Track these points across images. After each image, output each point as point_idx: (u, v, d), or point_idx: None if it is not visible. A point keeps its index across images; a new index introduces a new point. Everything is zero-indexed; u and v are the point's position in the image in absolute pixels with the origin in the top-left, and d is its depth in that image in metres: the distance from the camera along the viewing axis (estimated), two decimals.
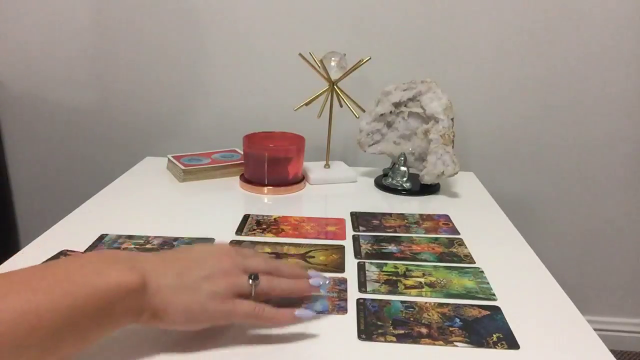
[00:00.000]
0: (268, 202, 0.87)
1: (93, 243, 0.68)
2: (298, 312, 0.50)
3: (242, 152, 0.97)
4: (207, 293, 0.45)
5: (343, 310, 0.55)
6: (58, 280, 0.39)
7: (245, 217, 0.79)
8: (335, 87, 0.93)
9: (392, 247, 0.71)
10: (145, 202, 0.84)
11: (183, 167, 0.93)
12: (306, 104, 0.93)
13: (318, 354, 0.48)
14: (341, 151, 1.18)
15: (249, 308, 0.47)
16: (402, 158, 0.94)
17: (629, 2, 1.04)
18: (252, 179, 0.91)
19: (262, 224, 0.77)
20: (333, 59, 0.91)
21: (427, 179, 0.91)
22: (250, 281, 0.48)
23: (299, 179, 0.94)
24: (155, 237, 0.70)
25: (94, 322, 0.40)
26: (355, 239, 0.73)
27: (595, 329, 0.53)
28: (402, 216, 0.82)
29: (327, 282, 0.54)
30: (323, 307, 0.55)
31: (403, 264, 0.66)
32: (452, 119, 0.91)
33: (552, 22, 1.07)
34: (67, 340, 0.39)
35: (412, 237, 0.74)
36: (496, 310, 0.56)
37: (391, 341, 0.50)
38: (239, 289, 0.47)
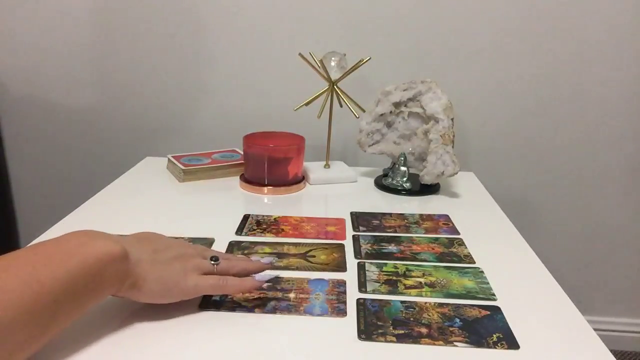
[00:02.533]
0: (268, 202, 0.87)
1: None
2: (257, 276, 0.58)
3: (242, 152, 0.97)
4: (179, 269, 0.52)
5: (342, 313, 0.55)
6: (51, 254, 0.43)
7: (245, 217, 0.79)
8: (335, 87, 0.93)
9: (392, 247, 0.71)
10: (145, 202, 0.84)
11: (183, 167, 0.93)
12: (306, 104, 0.93)
13: (318, 354, 0.48)
14: (341, 151, 1.18)
15: (214, 280, 0.53)
16: (402, 158, 0.94)
17: (629, 1, 1.04)
18: (252, 179, 0.91)
19: (262, 224, 0.77)
20: (333, 59, 0.91)
21: (427, 179, 0.91)
22: (212, 262, 0.55)
23: (299, 179, 0.94)
24: None
25: (88, 288, 0.44)
26: (355, 239, 0.73)
27: (595, 329, 0.53)
28: (402, 216, 0.82)
29: (270, 262, 0.63)
30: (322, 310, 0.55)
31: (403, 264, 0.66)
32: (452, 119, 0.91)
33: (552, 22, 1.07)
34: (66, 308, 0.43)
35: (412, 237, 0.74)
36: (496, 310, 0.56)
37: (391, 341, 0.50)
38: (203, 269, 0.54)
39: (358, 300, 0.57)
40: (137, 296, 0.50)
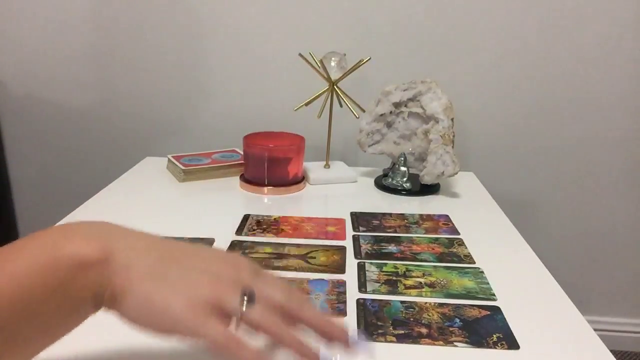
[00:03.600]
0: (268, 202, 0.87)
1: None
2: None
3: (242, 152, 0.97)
4: (180, 292, 0.35)
5: (342, 313, 0.55)
6: (10, 259, 0.34)
7: (245, 217, 0.79)
8: (335, 87, 0.93)
9: (392, 247, 0.71)
10: (145, 202, 0.84)
11: (183, 167, 0.93)
12: (306, 104, 0.93)
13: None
14: (341, 151, 1.18)
15: (220, 335, 0.34)
16: (402, 158, 0.94)
17: (629, 2, 1.04)
18: (252, 179, 0.91)
19: (262, 224, 0.77)
20: (333, 59, 0.91)
21: (427, 179, 0.91)
22: (244, 300, 0.36)
23: (299, 179, 0.94)
24: None
25: (51, 303, 0.34)
26: (355, 239, 0.73)
27: (595, 329, 0.53)
28: (402, 216, 0.82)
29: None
30: (322, 310, 0.55)
31: (403, 264, 0.66)
32: (452, 119, 0.91)
33: (552, 22, 1.07)
34: (26, 328, 0.33)
35: (412, 237, 0.74)
36: (496, 310, 0.56)
37: (391, 341, 0.50)
38: (223, 306, 0.35)
39: (358, 300, 0.57)
40: (118, 312, 0.36)
